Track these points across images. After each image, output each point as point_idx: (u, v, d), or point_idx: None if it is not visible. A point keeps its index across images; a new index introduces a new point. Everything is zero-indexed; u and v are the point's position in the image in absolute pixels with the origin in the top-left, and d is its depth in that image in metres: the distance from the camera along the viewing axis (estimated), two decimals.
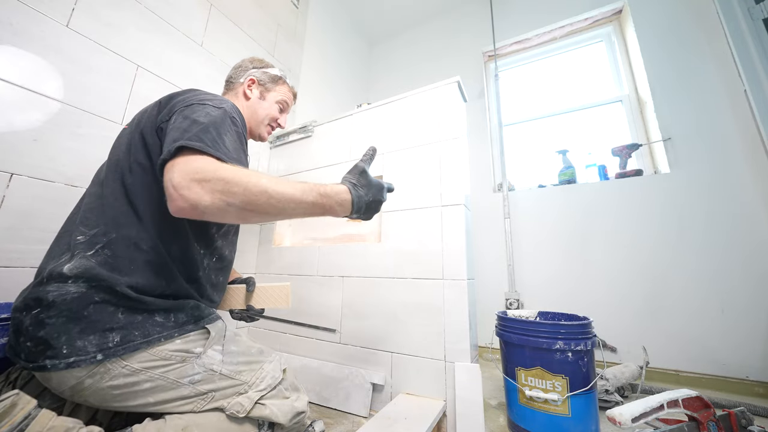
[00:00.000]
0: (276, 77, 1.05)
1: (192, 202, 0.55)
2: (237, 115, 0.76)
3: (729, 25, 1.55)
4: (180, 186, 0.55)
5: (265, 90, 1.02)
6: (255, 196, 0.58)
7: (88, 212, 0.69)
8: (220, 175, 0.57)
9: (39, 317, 0.58)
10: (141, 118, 0.76)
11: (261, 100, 1.01)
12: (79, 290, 0.60)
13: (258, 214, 0.61)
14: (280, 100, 1.05)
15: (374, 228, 1.37)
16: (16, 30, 0.94)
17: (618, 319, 1.62)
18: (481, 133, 2.33)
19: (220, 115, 0.69)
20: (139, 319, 0.64)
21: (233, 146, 0.68)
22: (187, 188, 0.55)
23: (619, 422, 0.67)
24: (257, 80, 1.02)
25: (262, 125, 1.02)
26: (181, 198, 0.55)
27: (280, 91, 1.05)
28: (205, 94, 0.75)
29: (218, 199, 0.56)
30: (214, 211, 0.57)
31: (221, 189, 0.56)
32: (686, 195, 1.60)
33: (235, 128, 0.73)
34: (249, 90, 1.01)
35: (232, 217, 0.59)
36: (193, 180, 0.55)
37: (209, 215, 0.57)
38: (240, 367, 0.71)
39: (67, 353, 0.57)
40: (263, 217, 0.62)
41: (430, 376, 1.04)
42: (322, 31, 2.48)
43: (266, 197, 0.59)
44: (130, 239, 0.66)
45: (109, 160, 0.76)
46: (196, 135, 0.61)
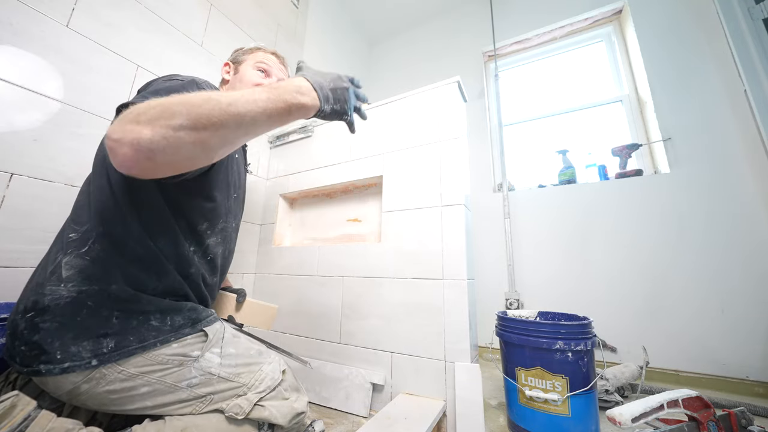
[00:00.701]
0: (248, 50, 1.03)
1: (130, 142, 0.44)
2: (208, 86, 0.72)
3: (729, 25, 1.55)
4: (114, 131, 0.46)
5: (238, 64, 1.01)
6: (202, 108, 0.48)
7: (79, 209, 0.69)
8: (154, 104, 0.47)
9: (33, 321, 0.57)
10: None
11: (236, 75, 1.00)
12: (71, 294, 0.59)
13: (216, 131, 0.48)
14: (257, 64, 0.99)
15: (374, 228, 1.37)
16: (16, 30, 0.93)
17: (618, 319, 1.62)
18: (481, 133, 2.33)
19: (181, 83, 0.64)
20: (134, 324, 0.63)
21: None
22: (120, 130, 0.45)
23: (619, 422, 0.67)
24: (230, 62, 1.02)
25: None
26: (117, 144, 0.45)
27: (253, 57, 1.01)
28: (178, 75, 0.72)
29: (160, 127, 0.45)
30: (164, 145, 0.45)
31: (159, 114, 0.46)
32: (686, 195, 1.60)
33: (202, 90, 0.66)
34: (226, 74, 1.00)
35: (190, 144, 0.47)
36: (125, 122, 0.46)
37: (162, 154, 0.46)
38: (239, 369, 0.71)
39: (62, 358, 0.56)
40: (222, 133, 0.49)
41: (430, 376, 1.04)
42: (322, 31, 2.48)
43: (214, 104, 0.48)
44: (117, 234, 0.65)
45: (96, 156, 0.74)
46: (141, 96, 0.56)
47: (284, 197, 1.69)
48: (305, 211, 1.65)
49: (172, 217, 0.71)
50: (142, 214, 0.67)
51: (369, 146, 1.40)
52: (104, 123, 1.11)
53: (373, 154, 1.38)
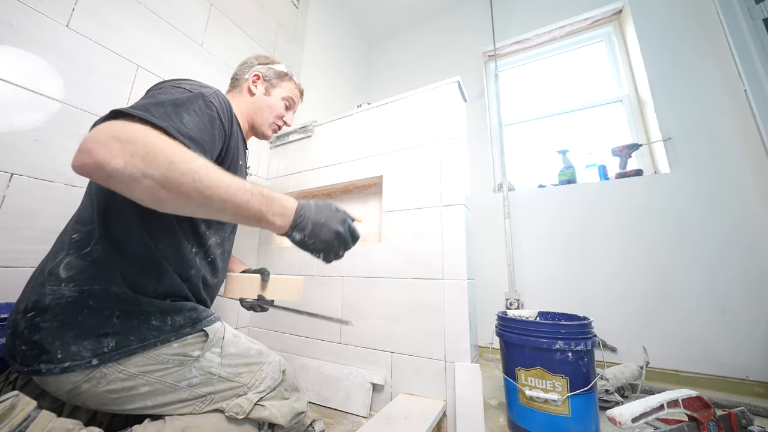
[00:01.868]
0: (282, 73, 1.02)
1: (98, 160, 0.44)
2: (218, 102, 0.70)
3: (729, 25, 1.55)
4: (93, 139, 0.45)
5: (270, 86, 1.00)
6: (180, 174, 0.47)
7: (82, 210, 0.69)
8: (149, 141, 0.48)
9: (34, 321, 0.57)
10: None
11: (266, 96, 0.99)
12: (72, 294, 0.59)
13: (175, 198, 0.49)
14: (286, 97, 1.02)
15: (374, 228, 1.37)
16: (16, 30, 0.93)
17: (618, 319, 1.62)
18: (481, 133, 2.33)
19: (188, 96, 0.63)
20: (134, 324, 0.63)
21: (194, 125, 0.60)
22: (102, 143, 0.45)
23: (619, 422, 0.67)
24: (262, 76, 0.99)
25: (266, 123, 1.00)
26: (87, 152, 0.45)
27: (286, 87, 1.02)
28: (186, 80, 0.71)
29: (134, 166, 0.45)
30: (123, 179, 0.45)
31: (143, 154, 0.46)
32: (686, 195, 1.60)
33: (208, 111, 0.66)
34: (254, 86, 0.98)
35: (143, 192, 0.47)
36: (114, 137, 0.46)
37: (115, 182, 0.46)
38: (239, 369, 0.71)
39: (62, 358, 0.56)
40: (180, 202, 0.49)
41: (430, 376, 1.04)
42: (322, 31, 2.48)
43: (192, 179, 0.48)
44: (117, 235, 0.65)
45: None
46: (143, 106, 0.55)
47: None
48: None
49: (175, 218, 0.71)
50: (145, 216, 0.67)
51: (369, 146, 1.40)
52: None
53: (373, 154, 1.38)
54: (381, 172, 1.33)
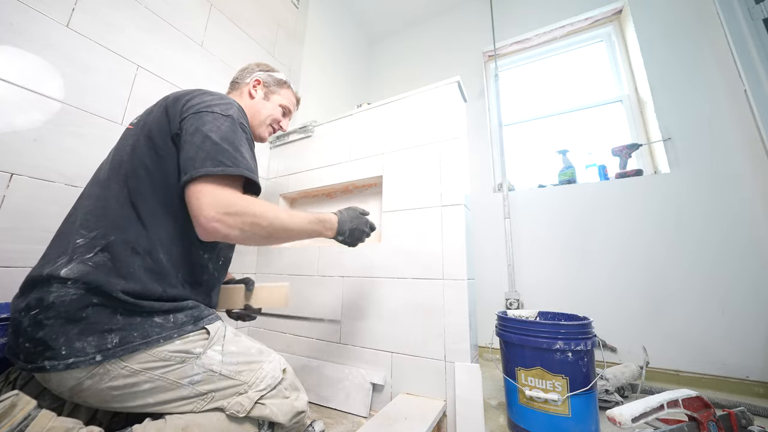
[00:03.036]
0: (281, 81, 1.08)
1: (224, 233, 0.65)
2: (244, 120, 0.81)
3: (729, 25, 1.55)
4: (213, 219, 0.63)
5: (270, 92, 1.05)
6: (276, 231, 0.72)
7: (89, 215, 0.68)
8: (251, 210, 0.67)
9: (37, 318, 0.57)
10: (146, 120, 0.76)
11: (265, 101, 1.03)
12: (77, 292, 0.60)
13: (272, 241, 0.75)
14: (283, 104, 1.07)
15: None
16: (16, 30, 0.94)
17: (618, 319, 1.62)
18: (481, 133, 2.33)
19: (230, 126, 0.73)
20: (137, 321, 0.63)
21: (249, 155, 0.74)
22: (220, 222, 0.64)
23: (619, 422, 0.67)
24: (263, 81, 1.04)
25: (263, 125, 1.04)
26: (214, 230, 0.64)
27: (284, 95, 1.07)
28: (211, 97, 0.77)
29: (247, 231, 0.67)
30: (241, 240, 0.68)
31: (251, 222, 0.67)
32: (686, 195, 1.60)
33: (245, 135, 0.77)
34: (254, 90, 1.03)
35: (252, 242, 0.72)
36: (226, 213, 0.64)
37: (233, 240, 0.68)
38: (240, 367, 0.71)
39: (66, 354, 0.57)
40: (275, 242, 0.77)
41: (430, 376, 1.04)
42: (322, 31, 2.48)
43: (285, 231, 0.74)
44: (128, 243, 0.66)
45: (112, 161, 0.75)
46: (215, 159, 0.67)
47: (284, 197, 1.69)
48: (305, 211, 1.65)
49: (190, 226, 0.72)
50: (161, 225, 0.70)
51: (369, 146, 1.40)
52: (104, 123, 1.11)
53: (373, 154, 1.38)
54: (381, 172, 1.33)
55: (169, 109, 0.75)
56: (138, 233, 0.67)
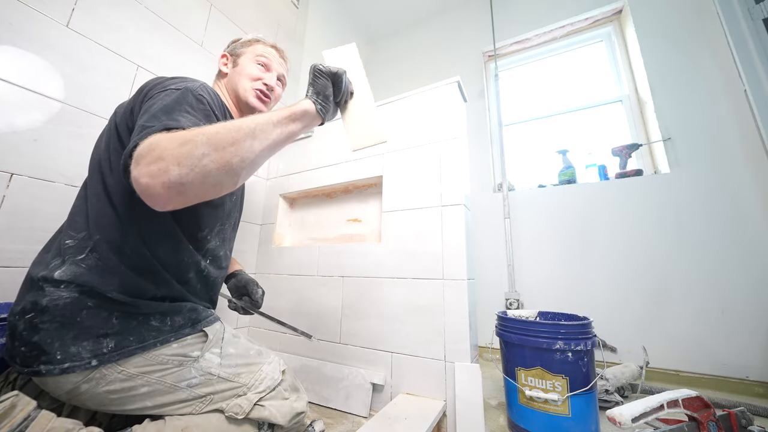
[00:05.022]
0: (246, 41, 0.98)
1: (162, 183, 0.46)
2: (207, 94, 0.70)
3: (729, 25, 1.55)
4: (141, 174, 0.47)
5: (236, 56, 0.95)
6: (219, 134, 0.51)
7: (76, 215, 0.68)
8: (177, 137, 0.49)
9: (33, 322, 0.57)
10: (117, 114, 0.73)
11: (234, 68, 0.94)
12: (71, 295, 0.59)
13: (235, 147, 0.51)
14: (256, 57, 0.95)
15: (374, 228, 1.37)
16: (16, 30, 0.93)
17: (618, 319, 1.62)
18: (481, 133, 2.33)
19: (176, 97, 0.63)
20: (134, 324, 0.63)
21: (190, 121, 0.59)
22: (147, 173, 0.46)
23: (619, 422, 0.66)
24: (228, 53, 0.97)
25: (247, 91, 0.91)
26: (147, 188, 0.47)
27: (252, 50, 0.96)
28: (171, 80, 0.70)
29: (185, 165, 0.47)
30: (192, 177, 0.47)
31: (183, 152, 0.47)
32: (686, 195, 1.60)
33: (201, 106, 0.65)
34: (224, 67, 0.95)
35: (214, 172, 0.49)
36: (152, 160, 0.47)
37: (191, 186, 0.48)
38: (238, 369, 0.71)
39: (61, 359, 0.56)
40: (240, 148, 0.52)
41: (430, 376, 1.04)
42: (322, 30, 2.47)
43: (228, 128, 0.52)
44: (113, 242, 0.64)
45: (92, 159, 0.74)
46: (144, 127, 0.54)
47: (284, 197, 1.69)
48: (305, 211, 1.65)
49: (174, 224, 0.71)
50: (142, 224, 0.67)
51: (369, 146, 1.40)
52: (104, 123, 1.10)
53: (373, 154, 1.38)
54: (381, 172, 1.33)
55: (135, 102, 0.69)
56: (121, 232, 0.65)
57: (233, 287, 1.03)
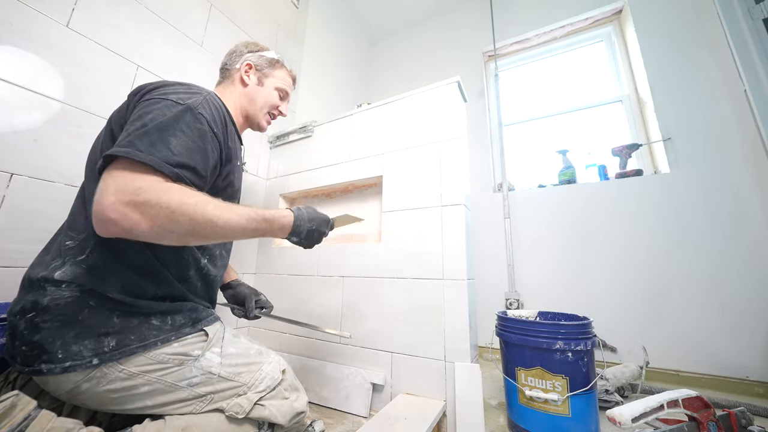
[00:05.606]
0: (273, 61, 1.00)
1: (124, 228, 0.51)
2: (209, 111, 0.68)
3: (729, 25, 1.55)
4: (111, 207, 0.50)
5: (263, 75, 0.97)
6: (200, 226, 0.57)
7: (76, 216, 0.68)
8: (165, 201, 0.52)
9: (34, 321, 0.57)
10: (112, 113, 0.72)
11: (259, 87, 0.96)
12: (73, 294, 0.59)
13: (198, 239, 0.59)
14: (279, 87, 1.00)
15: (374, 228, 1.37)
16: (16, 30, 0.93)
17: (618, 319, 1.62)
18: (481, 133, 2.33)
19: (174, 114, 0.61)
20: (135, 323, 0.63)
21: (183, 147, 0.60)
22: (121, 213, 0.50)
23: (619, 422, 0.67)
24: (254, 65, 0.96)
25: (261, 113, 0.97)
26: (110, 221, 0.50)
27: (278, 76, 1.00)
28: (173, 87, 0.69)
29: (158, 227, 0.53)
30: (152, 236, 0.54)
31: (164, 216, 0.52)
32: (686, 195, 1.60)
33: (198, 125, 0.65)
34: (246, 76, 0.95)
35: (170, 241, 0.57)
36: (132, 202, 0.50)
37: (143, 237, 0.53)
38: (239, 368, 0.71)
39: (63, 358, 0.56)
40: (203, 241, 0.61)
41: (430, 376, 1.04)
42: (322, 31, 2.48)
43: (212, 227, 0.58)
44: (114, 243, 0.63)
45: (88, 162, 0.73)
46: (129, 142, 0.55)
47: (284, 197, 1.69)
48: None
49: None
50: None
51: (369, 146, 1.40)
52: (104, 123, 1.10)
53: (373, 154, 1.38)
54: (381, 172, 1.33)
55: (129, 100, 0.69)
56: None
57: (230, 298, 1.03)
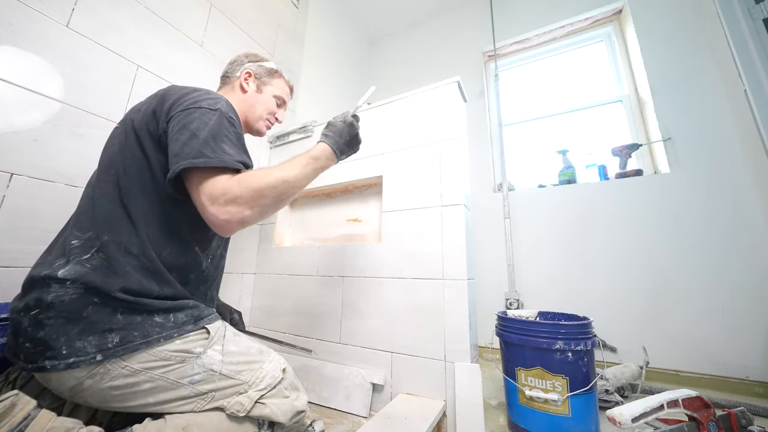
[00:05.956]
0: (272, 70, 1.04)
1: (238, 221, 0.65)
2: (233, 114, 0.77)
3: (729, 25, 1.55)
4: (219, 213, 0.63)
5: (262, 83, 1.01)
6: (281, 191, 0.70)
7: (81, 215, 0.69)
8: (246, 186, 0.65)
9: (38, 318, 0.58)
10: (135, 118, 0.75)
11: (258, 94, 1.00)
12: (77, 292, 0.60)
13: (287, 200, 0.74)
14: (277, 95, 1.04)
15: (374, 228, 1.37)
16: (16, 30, 0.94)
17: (618, 319, 1.62)
18: (481, 133, 2.33)
19: (216, 121, 0.71)
20: (138, 320, 0.63)
21: (235, 150, 0.71)
22: (226, 212, 0.63)
23: (619, 422, 0.67)
24: (254, 73, 1.00)
25: (260, 120, 1.02)
26: (226, 223, 0.64)
27: (276, 85, 1.04)
28: (198, 94, 0.75)
29: (256, 208, 0.66)
30: (257, 218, 0.67)
31: (253, 198, 0.65)
32: (686, 195, 1.60)
33: (234, 129, 0.74)
34: (246, 83, 0.99)
35: (272, 210, 0.71)
36: (226, 202, 0.63)
37: (254, 220, 0.67)
38: (240, 366, 0.71)
39: (67, 354, 0.57)
40: (289, 197, 0.74)
41: (430, 376, 1.04)
42: (322, 31, 2.48)
43: (287, 185, 0.72)
44: (120, 243, 0.66)
45: (101, 161, 0.75)
46: (198, 152, 0.65)
47: None
48: (305, 211, 1.65)
49: (183, 224, 0.73)
50: (152, 225, 0.69)
51: (369, 146, 1.40)
52: (104, 123, 1.11)
53: (373, 154, 1.38)
54: (381, 172, 1.33)
55: (156, 108, 0.73)
56: (130, 233, 0.67)
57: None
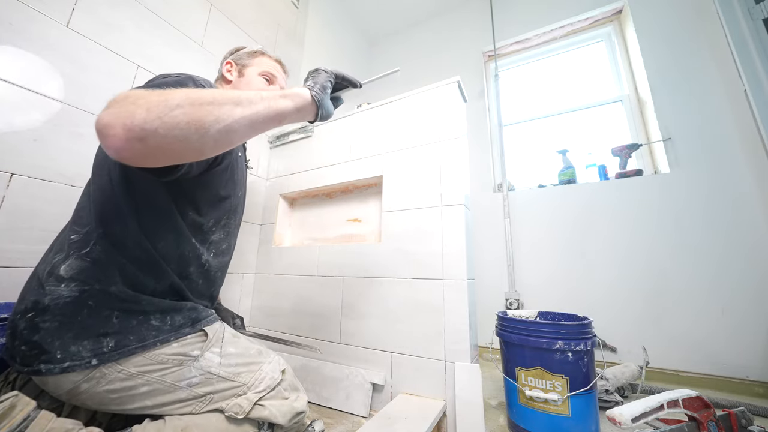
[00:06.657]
0: (252, 52, 1.02)
1: (123, 123, 0.41)
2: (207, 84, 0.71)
3: (729, 25, 1.55)
4: (105, 114, 0.42)
5: (243, 66, 0.99)
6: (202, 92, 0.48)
7: (80, 210, 0.69)
8: (152, 90, 0.45)
9: (33, 321, 0.57)
10: None
11: (240, 78, 0.98)
12: (72, 294, 0.59)
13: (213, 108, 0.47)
14: (263, 72, 1.00)
15: (374, 228, 1.37)
16: (16, 30, 0.93)
17: (618, 319, 1.62)
18: (481, 133, 2.33)
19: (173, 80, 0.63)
20: (134, 323, 0.63)
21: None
22: (113, 113, 0.42)
23: (619, 422, 0.66)
24: (234, 62, 0.99)
25: None
26: (108, 126, 0.41)
27: (258, 63, 1.00)
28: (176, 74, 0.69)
29: (156, 107, 0.42)
30: (157, 125, 0.42)
31: (158, 98, 0.44)
32: (686, 195, 1.60)
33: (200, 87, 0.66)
34: (228, 74, 0.98)
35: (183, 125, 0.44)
36: (118, 102, 0.43)
37: (154, 135, 0.42)
38: (238, 368, 0.71)
39: (62, 358, 0.57)
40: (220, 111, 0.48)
41: (430, 376, 1.04)
42: (322, 31, 2.47)
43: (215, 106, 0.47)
44: (115, 236, 0.65)
45: (96, 156, 0.75)
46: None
47: (284, 197, 1.69)
48: (305, 211, 1.65)
49: (178, 215, 0.72)
50: (144, 214, 0.67)
51: (369, 146, 1.40)
52: None
53: (373, 154, 1.38)
54: (381, 172, 1.33)
55: None
56: (123, 226, 0.66)
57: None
